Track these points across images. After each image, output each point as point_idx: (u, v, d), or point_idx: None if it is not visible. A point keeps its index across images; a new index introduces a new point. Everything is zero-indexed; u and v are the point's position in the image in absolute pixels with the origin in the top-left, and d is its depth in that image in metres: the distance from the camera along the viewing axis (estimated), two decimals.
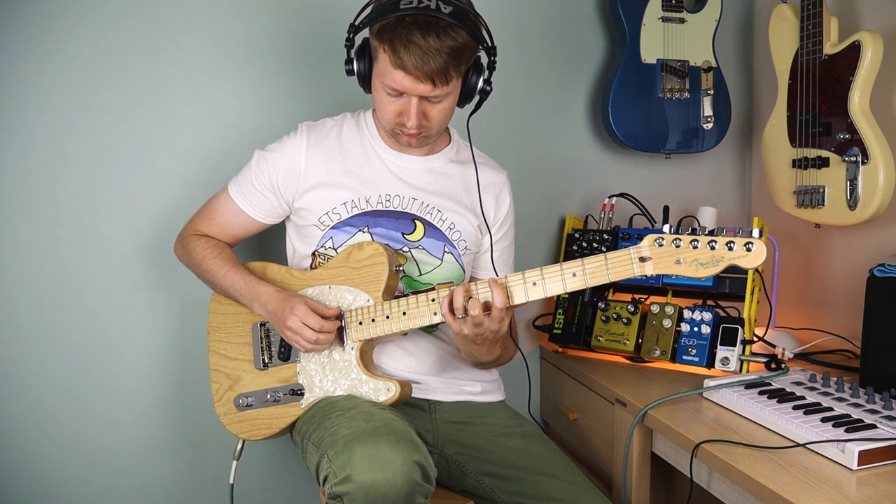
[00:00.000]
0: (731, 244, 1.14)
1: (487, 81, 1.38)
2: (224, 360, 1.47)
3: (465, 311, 1.25)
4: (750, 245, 1.14)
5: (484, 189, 1.50)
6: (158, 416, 1.73)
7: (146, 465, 1.73)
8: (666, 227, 1.20)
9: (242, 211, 1.47)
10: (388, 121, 1.37)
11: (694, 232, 1.18)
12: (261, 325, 1.45)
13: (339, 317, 1.36)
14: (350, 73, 1.39)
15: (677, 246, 1.18)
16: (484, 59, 1.39)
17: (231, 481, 1.51)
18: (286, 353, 1.42)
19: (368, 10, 1.33)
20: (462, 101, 1.39)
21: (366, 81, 1.38)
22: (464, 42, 1.27)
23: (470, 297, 1.27)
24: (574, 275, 1.25)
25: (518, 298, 1.28)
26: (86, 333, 1.66)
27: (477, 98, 1.41)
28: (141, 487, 1.73)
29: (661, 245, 1.19)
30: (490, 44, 1.37)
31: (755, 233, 1.14)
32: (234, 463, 1.51)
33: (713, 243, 1.15)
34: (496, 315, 1.25)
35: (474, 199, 1.49)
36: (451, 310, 1.27)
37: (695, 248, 1.17)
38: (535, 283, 1.27)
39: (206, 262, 1.45)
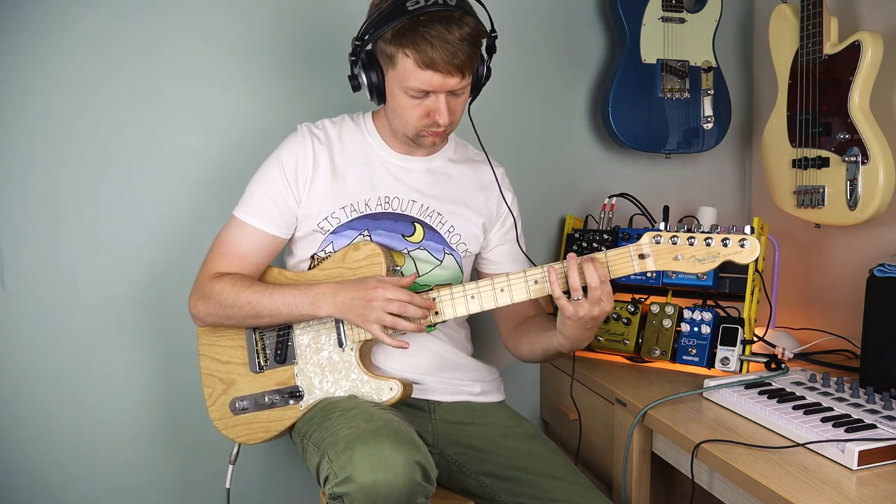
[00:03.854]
0: (727, 241, 1.20)
1: (488, 66, 1.39)
2: (216, 363, 1.43)
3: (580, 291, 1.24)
4: (744, 241, 1.19)
5: (484, 186, 1.51)
6: (157, 417, 1.74)
7: (143, 465, 1.73)
8: (661, 225, 1.24)
9: (260, 230, 1.39)
10: (413, 125, 1.34)
11: (689, 230, 1.23)
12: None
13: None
14: (357, 88, 1.36)
15: (674, 243, 1.22)
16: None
17: (227, 485, 1.49)
18: (283, 355, 1.40)
19: (369, 22, 1.30)
20: (473, 90, 1.38)
21: (379, 92, 1.35)
22: (477, 27, 1.28)
23: (581, 268, 1.24)
24: None
25: (518, 296, 1.30)
26: (85, 333, 1.66)
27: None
28: (138, 487, 1.73)
29: (658, 242, 1.23)
30: (491, 27, 1.37)
31: (747, 229, 1.19)
32: (231, 467, 1.48)
33: (709, 240, 1.20)
34: (608, 290, 1.24)
35: (477, 196, 1.49)
36: (564, 292, 1.24)
37: (691, 244, 1.21)
38: (536, 282, 1.29)
39: (242, 294, 1.34)
